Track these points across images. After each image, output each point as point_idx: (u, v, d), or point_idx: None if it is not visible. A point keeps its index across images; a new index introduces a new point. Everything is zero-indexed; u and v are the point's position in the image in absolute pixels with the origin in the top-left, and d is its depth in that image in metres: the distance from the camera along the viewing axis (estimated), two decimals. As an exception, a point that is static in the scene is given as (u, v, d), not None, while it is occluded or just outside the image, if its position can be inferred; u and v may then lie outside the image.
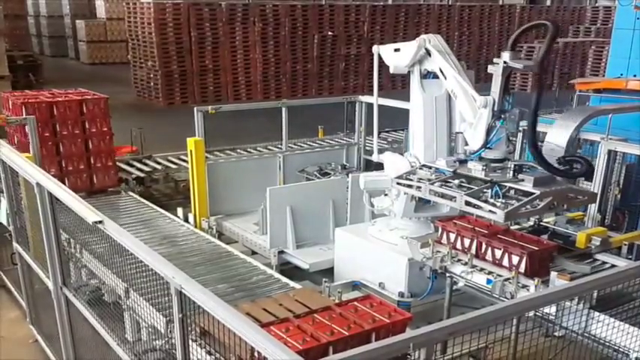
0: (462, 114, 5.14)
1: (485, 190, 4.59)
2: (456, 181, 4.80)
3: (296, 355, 2.32)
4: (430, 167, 5.11)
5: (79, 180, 8.53)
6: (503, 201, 4.44)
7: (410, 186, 5.01)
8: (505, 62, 4.69)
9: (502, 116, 4.74)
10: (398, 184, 5.10)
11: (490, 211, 4.39)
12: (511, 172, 4.62)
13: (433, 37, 5.55)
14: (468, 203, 4.49)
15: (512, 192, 4.58)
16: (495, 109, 4.73)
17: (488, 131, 4.76)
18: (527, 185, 4.49)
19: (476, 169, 4.73)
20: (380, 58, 6.00)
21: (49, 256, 4.48)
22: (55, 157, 8.19)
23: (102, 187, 8.73)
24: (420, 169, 5.17)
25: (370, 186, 5.91)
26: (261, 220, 7.08)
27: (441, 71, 5.33)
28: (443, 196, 4.76)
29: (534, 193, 4.41)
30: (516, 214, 4.38)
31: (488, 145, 4.78)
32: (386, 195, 5.93)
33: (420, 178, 5.00)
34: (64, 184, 4.96)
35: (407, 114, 5.96)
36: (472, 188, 4.62)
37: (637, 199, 6.37)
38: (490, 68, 4.82)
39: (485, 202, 4.48)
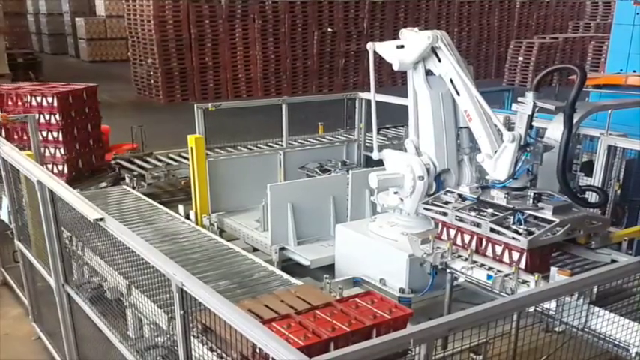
0: (477, 141, 5.28)
1: (507, 217, 4.80)
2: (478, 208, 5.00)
3: (297, 352, 2.33)
4: (453, 192, 5.31)
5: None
6: (525, 228, 4.65)
7: (437, 212, 5.19)
8: (534, 102, 4.91)
9: (527, 149, 4.97)
10: (425, 209, 5.30)
11: (514, 238, 4.57)
12: (531, 200, 4.83)
13: (442, 34, 5.50)
14: (492, 230, 4.70)
15: (531, 218, 4.77)
16: (521, 143, 4.96)
17: (515, 163, 4.97)
18: (547, 213, 4.72)
19: (498, 196, 4.96)
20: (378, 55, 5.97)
21: (50, 253, 4.50)
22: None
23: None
24: (445, 194, 5.36)
25: (384, 185, 5.85)
26: (262, 216, 7.09)
27: (452, 82, 5.35)
28: (468, 221, 4.92)
29: (554, 221, 4.63)
30: (538, 241, 4.57)
31: (514, 177, 4.99)
32: (396, 193, 5.89)
33: (447, 202, 5.23)
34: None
35: (407, 110, 5.94)
36: (496, 215, 4.81)
37: (637, 194, 6.37)
38: (515, 107, 5.05)
39: (508, 228, 4.68)
